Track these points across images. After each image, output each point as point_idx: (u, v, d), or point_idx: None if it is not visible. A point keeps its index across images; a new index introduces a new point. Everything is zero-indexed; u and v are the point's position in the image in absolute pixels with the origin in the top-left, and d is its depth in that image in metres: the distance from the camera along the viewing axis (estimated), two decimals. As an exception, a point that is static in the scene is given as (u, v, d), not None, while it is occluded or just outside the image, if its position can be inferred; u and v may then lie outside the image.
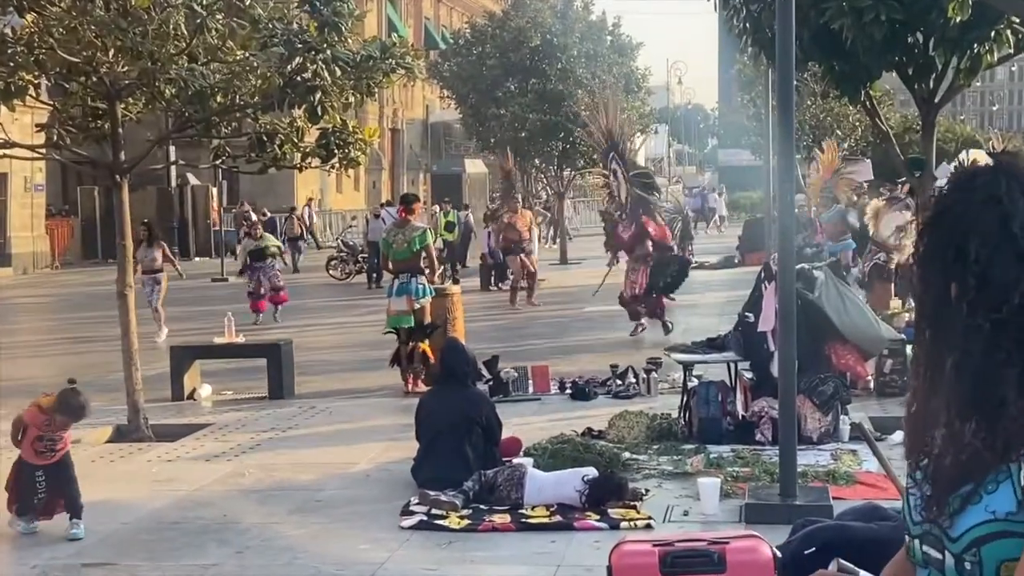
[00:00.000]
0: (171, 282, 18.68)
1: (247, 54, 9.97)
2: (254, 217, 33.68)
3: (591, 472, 7.60)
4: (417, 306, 12.13)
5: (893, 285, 14.24)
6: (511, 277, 21.85)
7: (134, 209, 11.12)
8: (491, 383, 11.40)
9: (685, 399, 9.59)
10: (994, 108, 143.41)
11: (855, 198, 18.32)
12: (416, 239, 12.22)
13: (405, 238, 12.25)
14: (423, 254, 12.28)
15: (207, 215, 38.65)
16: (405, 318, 12.14)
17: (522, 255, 21.06)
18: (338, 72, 9.69)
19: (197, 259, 36.76)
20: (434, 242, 12.59)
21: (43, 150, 11.42)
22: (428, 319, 12.27)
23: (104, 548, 7.12)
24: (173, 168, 30.04)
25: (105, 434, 10.55)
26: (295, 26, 9.75)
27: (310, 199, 45.53)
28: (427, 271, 12.35)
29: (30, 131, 13.41)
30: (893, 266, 14.31)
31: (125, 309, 10.37)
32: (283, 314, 19.91)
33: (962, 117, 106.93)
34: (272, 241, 21.07)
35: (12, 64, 9.53)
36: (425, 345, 12.04)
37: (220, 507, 7.91)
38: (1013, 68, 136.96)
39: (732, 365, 10.01)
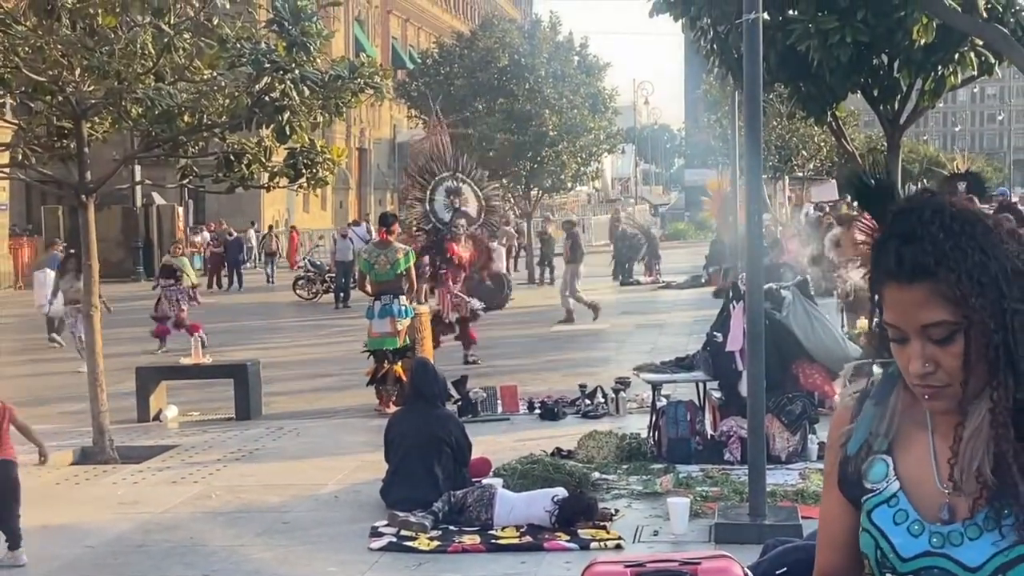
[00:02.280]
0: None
1: (215, 74, 9.92)
2: (233, 235, 33.93)
3: (561, 492, 7.59)
4: (399, 327, 12.08)
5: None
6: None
7: (99, 229, 11.03)
8: (460, 403, 11.37)
9: (654, 419, 9.59)
10: (957, 129, 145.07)
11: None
12: (400, 261, 12.15)
13: (388, 260, 12.16)
14: (405, 275, 12.22)
15: (173, 235, 38.40)
16: (389, 340, 12.06)
17: None
18: (306, 92, 9.67)
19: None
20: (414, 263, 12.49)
21: (7, 169, 11.31)
22: (404, 340, 12.22)
23: (69, 572, 7.04)
24: (139, 187, 29.86)
25: (69, 456, 10.44)
26: (263, 46, 9.72)
27: (363, 220, 45.04)
28: (408, 292, 12.28)
29: (-6, 150, 13.28)
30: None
31: (91, 329, 10.28)
32: (252, 332, 19.79)
33: (925, 138, 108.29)
34: (188, 269, 19.63)
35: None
36: (398, 367, 11.98)
37: (186, 530, 7.83)
38: (975, 90, 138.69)
39: (701, 385, 10.03)
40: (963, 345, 1.73)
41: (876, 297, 1.81)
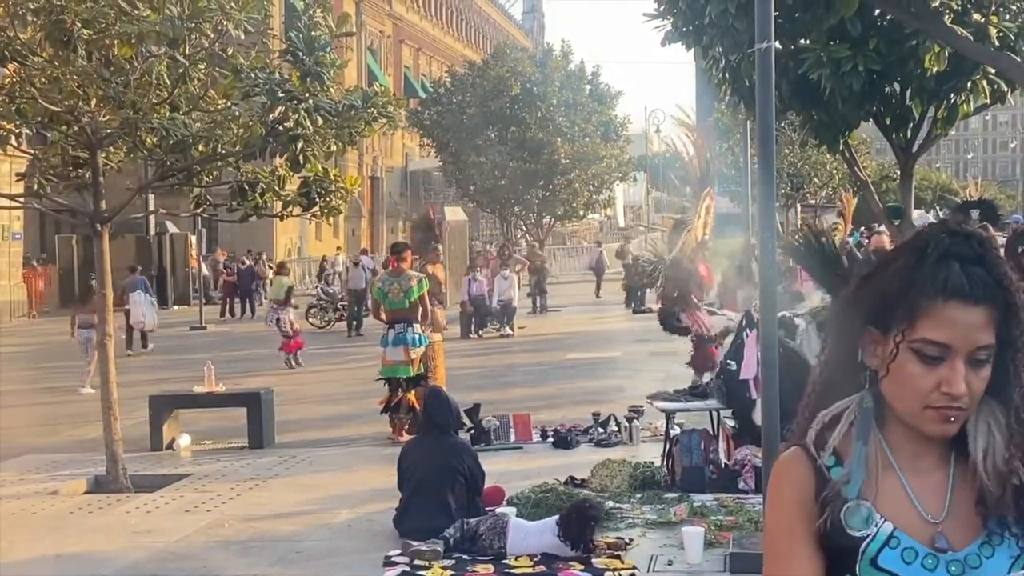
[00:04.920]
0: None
1: (229, 103, 9.98)
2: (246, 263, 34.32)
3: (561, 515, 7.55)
4: (413, 356, 12.08)
5: None
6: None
7: (113, 258, 11.07)
8: (473, 432, 11.35)
9: (668, 447, 9.56)
10: (969, 156, 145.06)
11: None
12: (413, 289, 12.16)
13: (401, 287, 12.18)
14: (419, 303, 12.22)
15: (186, 263, 38.55)
16: (403, 368, 12.07)
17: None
18: (320, 121, 9.71)
19: (176, 307, 36.60)
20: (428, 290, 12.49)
21: (23, 199, 11.38)
22: (417, 368, 12.21)
23: (82, 601, 7.02)
24: (152, 216, 29.98)
25: (83, 485, 10.44)
26: (277, 76, 9.78)
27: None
28: (422, 320, 12.28)
29: (9, 180, 13.37)
30: None
31: (105, 358, 10.30)
32: (265, 360, 19.81)
33: (938, 165, 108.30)
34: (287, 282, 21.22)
35: (-7, 113, 9.53)
36: (411, 395, 11.97)
37: (200, 559, 7.82)
38: (987, 117, 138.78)
39: (714, 413, 10.00)
40: (989, 369, 1.78)
41: (904, 315, 1.80)
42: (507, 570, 7.15)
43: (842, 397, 1.88)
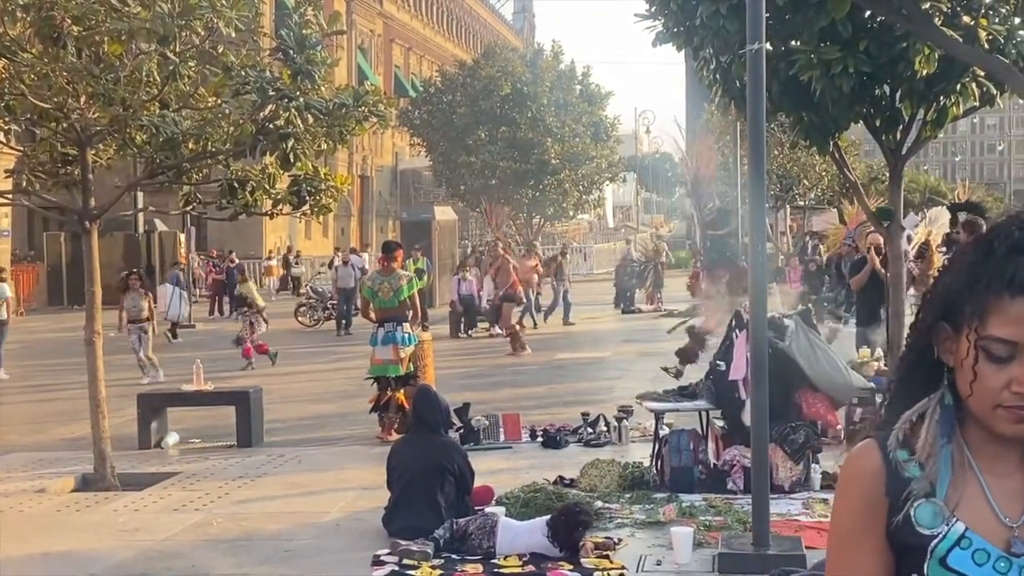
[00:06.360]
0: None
1: (219, 101, 9.96)
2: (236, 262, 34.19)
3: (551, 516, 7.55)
4: (403, 355, 12.07)
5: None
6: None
7: (101, 255, 11.03)
8: (462, 431, 11.35)
9: (657, 447, 9.57)
10: (957, 159, 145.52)
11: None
12: (403, 288, 12.16)
13: (392, 287, 12.16)
14: (408, 302, 12.22)
15: (175, 261, 38.46)
16: (392, 367, 12.06)
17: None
18: (311, 119, 9.70)
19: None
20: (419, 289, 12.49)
21: (11, 196, 11.33)
22: (406, 368, 12.20)
23: (69, 600, 7.00)
24: (141, 214, 29.88)
25: (70, 483, 10.41)
26: (268, 74, 9.76)
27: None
28: (411, 319, 12.28)
29: (-2, 176, 13.31)
30: None
31: (92, 356, 10.26)
32: (254, 359, 19.80)
33: (926, 167, 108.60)
34: (254, 295, 21.24)
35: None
36: (400, 394, 11.97)
37: (188, 557, 7.80)
38: (975, 120, 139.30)
39: (704, 413, 10.01)
40: None
41: (974, 311, 1.74)
42: (496, 570, 7.15)
43: (918, 394, 1.84)
